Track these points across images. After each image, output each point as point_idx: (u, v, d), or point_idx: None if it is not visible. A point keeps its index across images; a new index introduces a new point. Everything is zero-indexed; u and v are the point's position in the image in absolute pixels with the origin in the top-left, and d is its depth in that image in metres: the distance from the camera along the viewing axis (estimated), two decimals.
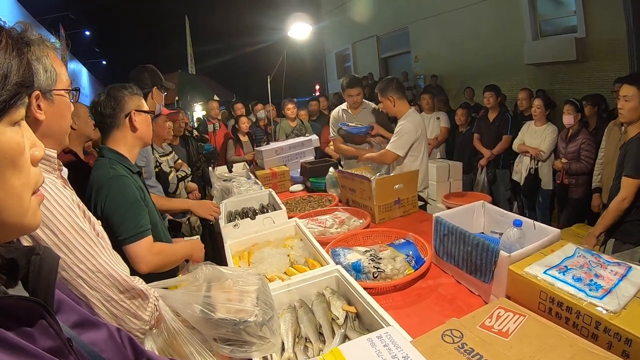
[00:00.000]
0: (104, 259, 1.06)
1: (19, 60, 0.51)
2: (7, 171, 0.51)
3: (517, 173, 4.58)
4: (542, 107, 4.23)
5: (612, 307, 1.02)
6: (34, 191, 0.56)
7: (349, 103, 3.57)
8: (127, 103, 1.70)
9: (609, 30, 5.83)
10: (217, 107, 6.61)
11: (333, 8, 13.59)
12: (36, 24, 9.04)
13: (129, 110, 1.70)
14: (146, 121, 1.78)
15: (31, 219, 0.55)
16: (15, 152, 0.51)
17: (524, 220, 1.60)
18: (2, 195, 0.50)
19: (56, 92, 1.14)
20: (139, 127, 1.73)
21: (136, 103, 1.73)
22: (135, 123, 1.71)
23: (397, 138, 2.95)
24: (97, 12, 18.63)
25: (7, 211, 0.51)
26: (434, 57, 9.84)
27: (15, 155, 0.52)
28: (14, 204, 0.52)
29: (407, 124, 2.93)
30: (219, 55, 17.00)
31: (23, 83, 0.52)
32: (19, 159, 0.52)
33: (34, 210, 0.56)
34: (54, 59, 1.12)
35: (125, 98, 1.70)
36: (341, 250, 1.81)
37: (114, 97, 1.69)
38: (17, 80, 0.51)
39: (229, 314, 1.07)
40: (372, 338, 0.97)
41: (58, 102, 1.15)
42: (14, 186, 0.52)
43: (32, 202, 0.55)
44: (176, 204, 2.55)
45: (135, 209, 1.58)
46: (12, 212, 0.52)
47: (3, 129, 0.50)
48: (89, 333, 0.71)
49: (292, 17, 4.33)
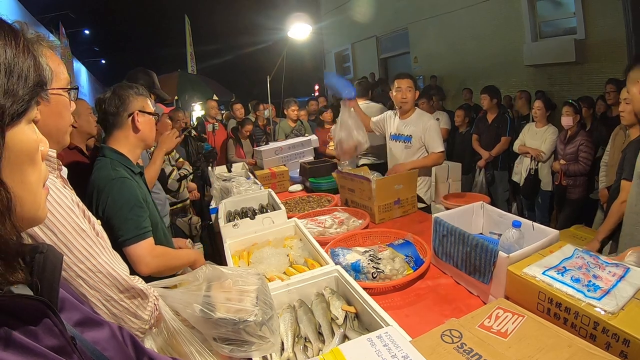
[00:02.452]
0: (104, 259, 1.06)
1: (34, 60, 0.53)
2: (27, 167, 0.53)
3: (517, 174, 4.59)
4: (543, 108, 4.25)
5: (610, 308, 1.02)
6: (42, 185, 0.58)
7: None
8: (132, 103, 1.70)
9: (609, 32, 5.84)
10: (216, 106, 6.61)
11: (332, 8, 13.59)
12: (35, 23, 9.04)
13: (133, 110, 1.70)
14: (149, 123, 1.77)
15: (42, 211, 0.58)
16: (33, 149, 0.54)
17: (522, 221, 1.61)
18: (22, 191, 0.52)
19: (52, 92, 1.13)
20: (142, 128, 1.73)
21: (141, 104, 1.73)
22: (137, 124, 1.71)
23: (436, 136, 2.98)
24: (96, 11, 18.64)
25: (26, 205, 0.53)
26: (434, 57, 9.84)
27: (33, 151, 0.54)
28: (30, 198, 0.54)
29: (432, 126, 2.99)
30: (219, 55, 17.02)
31: (40, 83, 0.54)
32: (36, 155, 0.55)
33: (45, 203, 0.59)
34: (50, 57, 1.11)
35: (130, 98, 1.70)
36: (340, 250, 1.81)
37: (119, 96, 1.69)
38: (35, 81, 0.53)
39: (228, 313, 1.07)
40: (372, 338, 0.97)
41: (54, 101, 1.14)
42: (32, 181, 0.54)
43: (43, 195, 0.58)
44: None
45: (137, 211, 1.58)
46: (29, 206, 0.54)
47: (23, 128, 0.52)
48: (91, 332, 0.71)
49: (291, 17, 4.34)
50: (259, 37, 13.48)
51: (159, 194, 2.76)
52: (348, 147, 3.01)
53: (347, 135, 2.98)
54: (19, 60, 0.50)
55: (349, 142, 2.99)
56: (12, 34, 0.51)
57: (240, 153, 5.44)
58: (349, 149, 3.03)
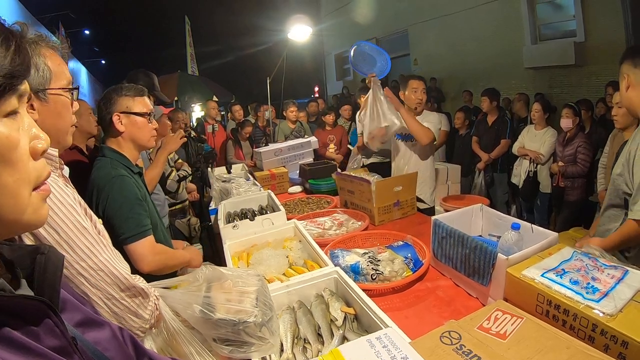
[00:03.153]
0: (106, 257, 1.07)
1: (5, 48, 0.49)
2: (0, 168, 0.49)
3: (516, 176, 4.61)
4: (541, 110, 4.26)
5: (609, 310, 1.03)
6: (37, 186, 0.54)
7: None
8: (114, 105, 1.68)
9: (608, 35, 5.86)
10: (216, 107, 6.60)
11: (333, 10, 13.62)
12: (36, 23, 9.05)
13: (113, 113, 1.68)
14: (135, 124, 1.72)
15: (32, 215, 0.53)
16: (4, 147, 0.49)
17: (522, 223, 1.61)
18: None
19: (52, 92, 1.13)
20: (125, 129, 1.70)
21: (125, 104, 1.70)
22: (118, 125, 1.68)
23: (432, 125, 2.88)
24: (96, 12, 18.62)
25: (3, 209, 0.50)
26: (433, 59, 9.86)
27: (5, 150, 0.49)
28: (8, 201, 0.50)
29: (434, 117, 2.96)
30: (219, 56, 17.00)
31: (12, 74, 0.50)
32: (11, 154, 0.50)
33: (36, 206, 0.54)
34: (51, 57, 1.12)
35: (112, 100, 1.68)
36: (340, 252, 1.82)
37: (105, 97, 1.70)
38: (5, 72, 0.49)
39: (228, 314, 1.07)
40: (372, 339, 0.98)
41: (53, 101, 1.14)
42: (7, 183, 0.50)
43: (32, 198, 0.53)
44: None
45: (137, 209, 1.59)
46: (8, 209, 0.50)
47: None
48: (92, 332, 0.71)
49: (292, 18, 4.35)
50: (259, 38, 13.48)
51: (158, 195, 2.76)
52: (378, 130, 2.82)
53: (378, 116, 2.78)
54: None
55: (378, 123, 2.78)
56: None
57: (239, 154, 5.45)
58: (379, 132, 2.84)
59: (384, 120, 2.77)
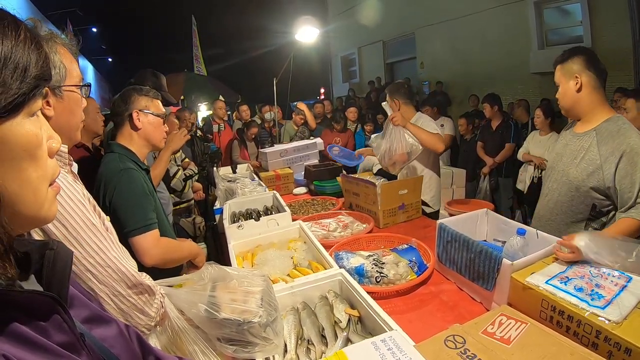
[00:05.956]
0: (113, 254, 1.07)
1: (37, 53, 0.52)
2: (24, 163, 0.51)
3: (522, 182, 4.59)
4: (542, 116, 4.26)
5: (614, 318, 1.03)
6: (50, 183, 0.56)
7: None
8: (133, 102, 1.76)
9: (615, 41, 5.85)
10: (223, 107, 6.60)
11: (340, 12, 13.65)
12: (44, 20, 9.11)
13: (133, 110, 1.75)
14: (153, 123, 1.81)
15: (47, 211, 0.56)
16: (32, 144, 0.52)
17: (527, 229, 1.61)
18: (18, 187, 0.50)
19: (65, 89, 1.15)
20: (142, 126, 1.77)
21: (144, 103, 1.78)
22: (136, 122, 1.75)
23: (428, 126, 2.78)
24: (104, 9, 18.74)
25: (24, 203, 0.52)
26: (440, 63, 9.87)
27: (33, 147, 0.52)
28: (29, 195, 0.52)
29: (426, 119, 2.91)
30: (227, 57, 17.06)
31: (42, 76, 0.52)
32: (37, 151, 0.53)
33: (51, 202, 0.56)
34: (64, 55, 1.14)
35: (131, 97, 1.76)
36: (344, 254, 1.82)
37: (123, 95, 1.77)
38: (36, 74, 0.51)
39: (233, 314, 1.08)
40: (376, 342, 0.98)
41: (67, 98, 1.16)
42: (31, 178, 0.52)
43: (49, 194, 0.56)
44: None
45: (144, 202, 1.61)
46: (28, 204, 0.52)
47: (21, 121, 0.51)
48: (99, 329, 0.72)
49: (299, 20, 4.36)
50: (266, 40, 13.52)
51: (163, 194, 2.77)
52: (399, 155, 2.72)
53: (398, 141, 2.70)
54: (17, 51, 0.49)
55: (399, 149, 2.70)
56: (13, 25, 0.50)
57: (244, 154, 5.45)
58: (400, 157, 2.74)
59: (406, 147, 2.70)
